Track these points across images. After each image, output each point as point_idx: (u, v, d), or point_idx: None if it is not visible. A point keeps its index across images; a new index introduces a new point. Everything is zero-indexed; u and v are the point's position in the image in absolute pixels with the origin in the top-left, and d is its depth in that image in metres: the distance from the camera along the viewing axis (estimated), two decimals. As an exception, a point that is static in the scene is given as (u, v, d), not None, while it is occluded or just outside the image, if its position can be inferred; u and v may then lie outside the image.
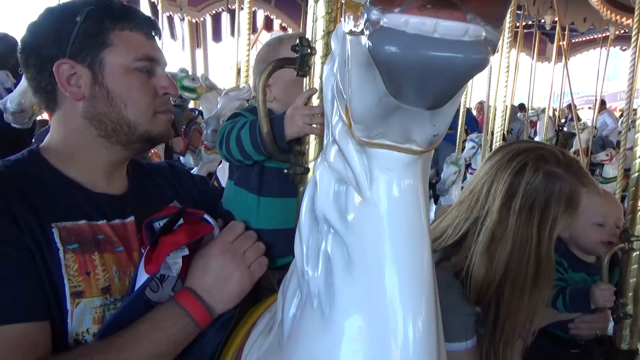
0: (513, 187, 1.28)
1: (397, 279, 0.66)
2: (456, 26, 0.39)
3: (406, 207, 0.66)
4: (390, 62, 0.42)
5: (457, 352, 1.28)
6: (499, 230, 1.27)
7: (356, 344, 0.67)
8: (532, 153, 1.31)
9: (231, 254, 1.01)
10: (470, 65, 0.40)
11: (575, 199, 1.27)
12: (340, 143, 0.68)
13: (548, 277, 1.29)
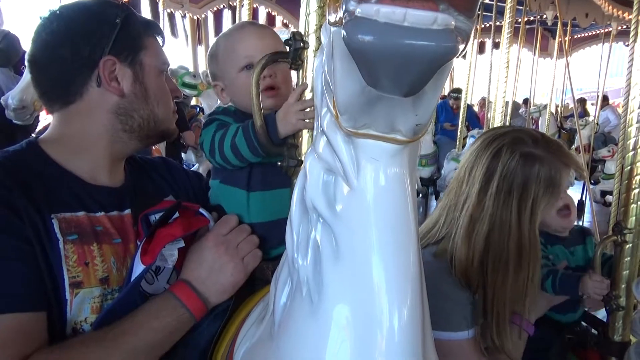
0: (490, 170, 1.32)
1: (383, 267, 0.67)
2: (425, 15, 0.41)
3: (392, 196, 0.67)
4: (363, 50, 0.43)
5: (459, 342, 1.31)
6: (477, 213, 1.31)
7: (343, 331, 0.68)
8: (508, 136, 1.35)
9: (225, 246, 1.03)
10: (439, 52, 0.42)
11: (555, 179, 1.30)
12: (328, 134, 0.70)
13: (534, 258, 1.31)
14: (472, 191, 1.34)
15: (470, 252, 1.30)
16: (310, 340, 0.71)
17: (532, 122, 8.98)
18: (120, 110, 1.07)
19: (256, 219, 1.13)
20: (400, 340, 0.66)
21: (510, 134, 1.36)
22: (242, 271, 1.03)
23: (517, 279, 1.30)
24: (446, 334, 1.30)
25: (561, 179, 1.32)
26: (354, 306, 0.68)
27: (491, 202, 1.30)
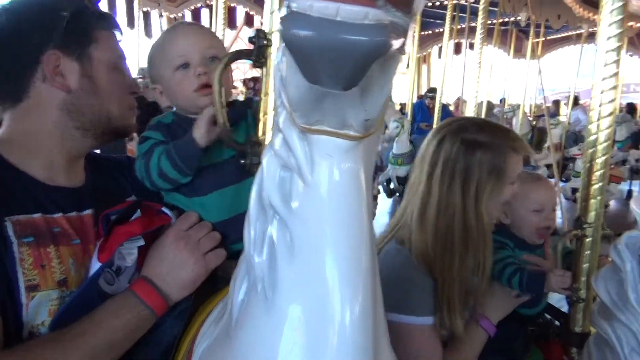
0: (435, 157, 1.39)
1: (335, 264, 0.67)
2: (356, 10, 0.42)
3: (346, 192, 0.68)
4: (297, 45, 0.44)
5: (421, 327, 1.35)
6: (426, 198, 1.38)
7: (296, 327, 0.69)
8: (453, 124, 1.43)
9: (185, 241, 1.02)
10: (369, 46, 0.42)
11: (499, 165, 1.35)
12: (284, 131, 0.70)
13: (483, 244, 1.36)
14: (422, 178, 1.41)
15: (424, 237, 1.36)
16: (265, 338, 0.71)
17: (507, 122, 9.16)
18: (69, 107, 1.04)
19: (213, 218, 1.12)
20: (351, 335, 0.67)
21: (455, 123, 1.44)
22: (202, 267, 1.02)
23: (463, 263, 1.35)
24: (409, 318, 1.34)
25: (507, 164, 1.36)
26: (306, 302, 0.69)
27: (437, 188, 1.37)
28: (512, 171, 1.39)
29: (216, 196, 1.12)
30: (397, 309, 1.38)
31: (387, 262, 1.44)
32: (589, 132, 1.48)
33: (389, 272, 1.42)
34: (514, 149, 1.39)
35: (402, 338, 1.39)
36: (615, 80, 1.40)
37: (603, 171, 1.45)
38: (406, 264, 1.38)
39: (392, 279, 1.40)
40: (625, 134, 8.98)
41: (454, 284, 1.34)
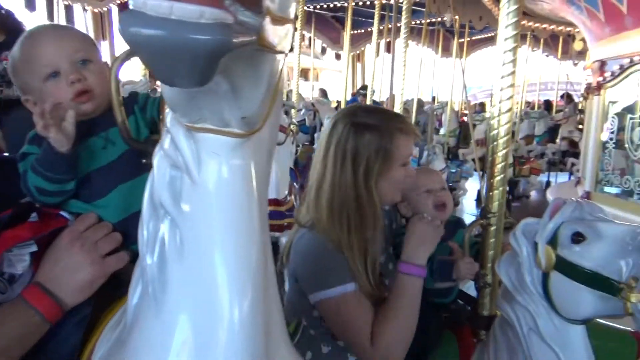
0: (328, 141, 1.48)
1: (224, 262, 0.68)
2: (191, 8, 0.42)
3: (234, 190, 0.68)
4: (134, 43, 0.44)
5: (343, 295, 1.39)
6: (321, 179, 1.48)
7: (186, 328, 0.68)
8: (345, 111, 1.55)
9: (81, 243, 0.98)
10: (206, 45, 0.42)
11: (385, 145, 1.45)
12: (171, 130, 0.69)
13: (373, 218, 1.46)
14: (317, 160, 1.52)
15: (321, 214, 1.46)
16: (155, 340, 0.70)
17: (436, 118, 9.54)
18: None
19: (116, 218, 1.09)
20: (240, 333, 0.68)
21: (347, 109, 1.57)
22: (100, 270, 0.98)
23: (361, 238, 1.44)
24: (331, 291, 1.39)
25: (393, 144, 1.46)
26: (195, 302, 0.68)
27: (330, 168, 1.47)
28: (402, 152, 1.49)
29: (115, 195, 1.08)
30: (319, 287, 1.43)
31: (301, 247, 1.50)
32: (491, 128, 1.58)
33: (306, 256, 1.48)
34: (401, 130, 1.48)
35: (331, 312, 1.43)
36: (512, 78, 1.50)
37: (504, 164, 1.55)
38: (317, 245, 1.45)
39: (308, 262, 1.47)
40: (543, 128, 9.62)
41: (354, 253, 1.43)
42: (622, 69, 4.20)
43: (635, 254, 1.08)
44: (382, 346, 1.39)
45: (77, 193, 1.08)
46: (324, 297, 1.42)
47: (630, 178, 4.34)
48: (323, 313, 1.47)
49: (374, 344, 1.39)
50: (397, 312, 1.42)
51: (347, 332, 1.44)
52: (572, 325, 1.28)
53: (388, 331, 1.40)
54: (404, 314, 1.42)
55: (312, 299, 1.46)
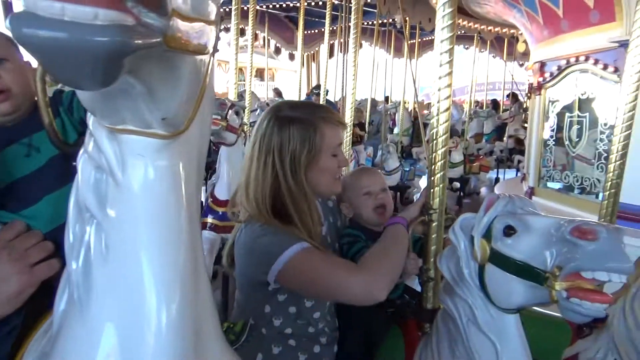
0: (254, 137, 1.53)
1: (150, 266, 0.67)
2: (83, 10, 0.41)
3: (160, 191, 0.68)
4: (26, 45, 0.42)
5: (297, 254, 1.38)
6: (248, 174, 1.51)
7: (112, 334, 0.67)
8: (270, 107, 1.58)
9: (8, 252, 0.93)
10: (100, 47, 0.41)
11: (310, 136, 1.49)
12: (94, 132, 0.68)
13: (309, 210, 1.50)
14: (246, 158, 1.55)
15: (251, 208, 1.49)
16: (81, 347, 0.69)
17: (390, 118, 9.70)
18: None
19: (47, 227, 1.05)
20: (168, 339, 0.67)
21: (272, 106, 1.59)
22: (29, 279, 0.94)
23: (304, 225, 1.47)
24: (285, 255, 1.38)
25: (317, 133, 1.50)
26: (121, 307, 0.67)
27: (255, 163, 1.50)
28: (328, 141, 1.52)
29: (43, 205, 1.05)
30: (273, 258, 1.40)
31: (242, 239, 1.50)
32: (431, 127, 1.63)
33: (249, 244, 1.48)
34: (324, 119, 1.52)
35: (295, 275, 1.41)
36: (449, 79, 1.55)
37: (443, 161, 1.60)
38: (258, 229, 1.46)
39: (254, 247, 1.46)
40: (491, 127, 10.00)
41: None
42: (560, 70, 4.43)
43: (559, 244, 1.14)
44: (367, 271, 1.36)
45: (3, 203, 1.03)
46: (281, 265, 1.38)
47: (569, 174, 4.58)
48: (287, 282, 1.43)
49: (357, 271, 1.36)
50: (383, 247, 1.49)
51: (320, 283, 1.39)
52: (506, 314, 1.34)
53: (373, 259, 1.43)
54: (389, 249, 1.49)
55: (271, 277, 1.42)
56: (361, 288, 1.33)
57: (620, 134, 1.89)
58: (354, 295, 1.36)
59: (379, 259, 1.43)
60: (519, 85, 8.75)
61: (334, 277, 1.36)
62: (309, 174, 1.50)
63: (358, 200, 1.75)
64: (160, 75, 0.54)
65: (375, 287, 1.34)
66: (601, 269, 1.05)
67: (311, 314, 1.56)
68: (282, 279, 1.42)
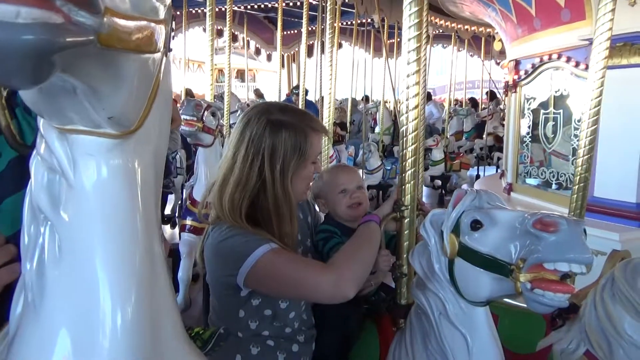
0: (241, 137, 1.48)
1: (104, 267, 0.66)
2: (5, 8, 0.40)
3: (113, 191, 0.67)
4: None
5: (263, 257, 1.37)
6: (228, 175, 1.47)
7: (66, 335, 0.66)
8: (257, 108, 1.54)
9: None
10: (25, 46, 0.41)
11: (300, 142, 1.48)
12: (44, 134, 0.67)
13: (289, 215, 1.49)
14: (227, 157, 1.50)
15: (220, 209, 1.46)
16: (34, 349, 0.68)
17: (371, 117, 9.74)
18: None
19: (10, 230, 1.03)
20: (124, 342, 0.67)
21: (259, 106, 1.55)
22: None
23: (280, 231, 1.47)
24: (250, 259, 1.37)
25: (307, 142, 1.49)
26: (75, 308, 0.66)
27: (239, 165, 1.46)
28: (313, 149, 1.53)
29: (5, 207, 1.03)
30: (240, 260, 1.39)
31: (210, 241, 1.48)
32: (401, 124, 1.65)
33: (216, 246, 1.46)
34: (313, 128, 1.52)
35: (263, 277, 1.40)
36: (417, 76, 1.57)
37: (414, 158, 1.62)
38: (225, 231, 1.44)
39: (220, 249, 1.45)
40: (471, 125, 10.12)
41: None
42: (534, 68, 4.50)
43: (523, 237, 1.16)
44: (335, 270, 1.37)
45: None
46: (249, 267, 1.37)
47: (546, 170, 4.65)
48: (256, 283, 1.42)
49: (326, 270, 1.37)
50: (354, 245, 1.50)
51: (289, 283, 1.39)
52: (476, 307, 1.36)
53: (343, 257, 1.43)
54: (359, 246, 1.50)
55: (239, 279, 1.41)
56: (329, 286, 1.34)
57: (587, 128, 1.94)
58: (323, 293, 1.37)
59: (348, 257, 1.44)
60: (497, 83, 8.87)
61: (302, 277, 1.37)
62: (293, 180, 1.49)
63: (334, 197, 1.76)
64: (101, 73, 0.53)
65: (344, 285, 1.34)
66: (562, 260, 1.07)
67: (287, 314, 1.56)
68: (250, 280, 1.41)
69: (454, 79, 9.95)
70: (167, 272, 0.79)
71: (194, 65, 15.74)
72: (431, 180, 8.15)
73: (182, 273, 3.77)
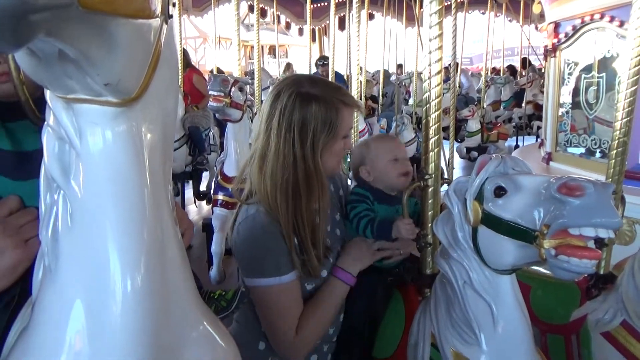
0: (272, 110, 1.45)
1: (113, 233, 0.68)
2: None
3: (119, 158, 0.68)
4: None
5: (268, 287, 1.43)
6: (265, 150, 1.46)
7: (79, 301, 0.69)
8: (288, 80, 1.51)
9: (2, 227, 0.97)
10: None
11: (331, 116, 1.45)
12: (51, 104, 0.69)
13: (321, 190, 1.48)
14: (261, 131, 1.48)
15: (263, 185, 1.45)
16: (51, 311, 0.71)
17: (404, 89, 9.53)
18: None
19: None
20: (134, 309, 0.69)
21: (289, 78, 1.53)
22: (23, 254, 0.96)
23: (309, 206, 1.46)
24: (264, 280, 1.43)
25: (338, 116, 1.47)
26: (87, 274, 0.69)
27: (274, 138, 1.44)
28: (344, 124, 1.50)
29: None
30: (255, 273, 1.45)
31: (242, 229, 1.48)
32: (424, 90, 1.60)
33: (245, 239, 1.47)
34: (344, 102, 1.49)
35: (264, 299, 1.46)
36: (439, 41, 1.52)
37: (437, 125, 1.58)
38: (259, 227, 1.45)
39: (247, 245, 1.46)
40: (509, 94, 9.75)
41: (305, 225, 1.45)
42: (575, 30, 4.26)
43: (547, 202, 1.12)
44: (305, 335, 1.47)
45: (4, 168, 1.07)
46: (259, 285, 1.45)
47: (588, 137, 4.45)
48: (255, 298, 1.51)
49: (297, 333, 1.46)
50: (323, 309, 1.53)
51: (274, 320, 1.48)
52: (501, 275, 1.33)
53: (312, 324, 1.48)
54: (327, 312, 1.54)
55: (247, 283, 1.48)
56: (284, 350, 1.50)
57: (626, 90, 1.82)
58: (276, 347, 1.52)
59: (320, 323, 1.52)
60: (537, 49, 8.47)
61: (285, 326, 1.47)
62: (323, 155, 1.48)
63: (384, 165, 1.74)
64: (91, 38, 0.53)
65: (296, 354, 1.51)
66: (588, 225, 1.03)
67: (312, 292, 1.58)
68: (253, 291, 1.50)
69: (491, 47, 9.55)
70: (180, 241, 0.81)
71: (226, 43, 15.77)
72: (467, 151, 7.95)
73: (214, 246, 3.87)
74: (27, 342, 0.74)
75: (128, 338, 0.69)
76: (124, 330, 0.69)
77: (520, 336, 1.35)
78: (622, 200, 1.88)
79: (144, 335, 0.70)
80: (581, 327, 1.90)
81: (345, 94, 1.53)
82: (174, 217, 0.81)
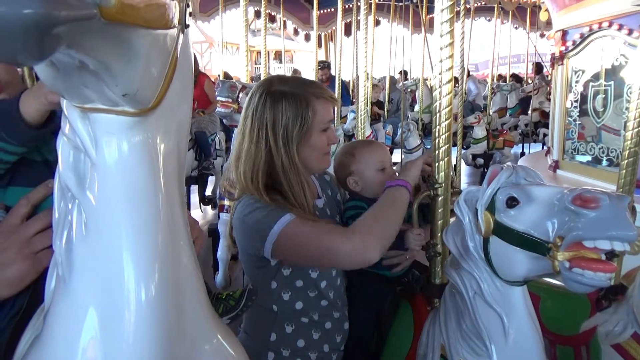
0: (246, 111, 1.51)
1: (127, 243, 0.68)
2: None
3: (133, 168, 0.68)
4: None
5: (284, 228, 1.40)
6: (240, 148, 1.51)
7: (93, 310, 0.69)
8: (262, 82, 1.57)
9: (14, 237, 0.96)
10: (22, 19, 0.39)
11: (302, 110, 1.48)
12: (67, 113, 0.69)
13: (300, 185, 1.50)
14: (237, 132, 1.55)
15: (247, 184, 1.49)
16: (65, 321, 0.71)
17: (410, 95, 9.52)
18: None
19: None
20: (148, 317, 0.69)
21: (262, 81, 1.59)
22: (30, 266, 0.93)
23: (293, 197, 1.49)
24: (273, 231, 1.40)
25: (311, 110, 1.49)
26: (101, 284, 0.68)
27: (247, 137, 1.49)
28: (319, 117, 1.51)
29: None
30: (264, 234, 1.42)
31: (236, 215, 1.52)
32: (434, 99, 1.59)
33: (241, 219, 1.49)
34: (316, 95, 1.51)
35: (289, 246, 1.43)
36: (450, 49, 1.51)
37: (447, 134, 1.57)
38: (248, 203, 1.48)
39: (245, 222, 1.48)
40: (515, 100, 9.71)
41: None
42: (583, 38, 4.25)
43: (561, 214, 1.11)
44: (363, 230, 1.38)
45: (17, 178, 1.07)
46: (275, 237, 1.41)
47: (595, 145, 4.43)
48: (282, 253, 1.45)
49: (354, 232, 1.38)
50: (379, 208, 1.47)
51: (312, 249, 1.41)
52: (512, 287, 1.32)
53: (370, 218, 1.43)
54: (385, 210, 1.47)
55: (267, 251, 1.44)
56: (352, 249, 1.35)
57: (637, 99, 1.81)
58: (345, 257, 1.37)
59: (372, 221, 1.43)
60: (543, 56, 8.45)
61: (325, 241, 1.38)
62: (300, 150, 1.50)
63: (370, 174, 1.73)
64: (111, 49, 0.53)
65: (367, 249, 1.35)
66: (603, 237, 1.02)
67: (319, 283, 1.57)
68: (277, 251, 1.44)
69: (498, 54, 9.54)
70: (192, 249, 0.80)
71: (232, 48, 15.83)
72: (473, 158, 7.91)
73: (220, 252, 3.86)
74: (40, 352, 0.74)
75: (143, 348, 0.69)
76: (139, 341, 0.68)
77: (532, 348, 1.33)
78: (633, 210, 1.86)
79: (158, 345, 0.70)
80: (591, 338, 1.88)
81: (318, 87, 1.55)
82: (188, 226, 0.80)
